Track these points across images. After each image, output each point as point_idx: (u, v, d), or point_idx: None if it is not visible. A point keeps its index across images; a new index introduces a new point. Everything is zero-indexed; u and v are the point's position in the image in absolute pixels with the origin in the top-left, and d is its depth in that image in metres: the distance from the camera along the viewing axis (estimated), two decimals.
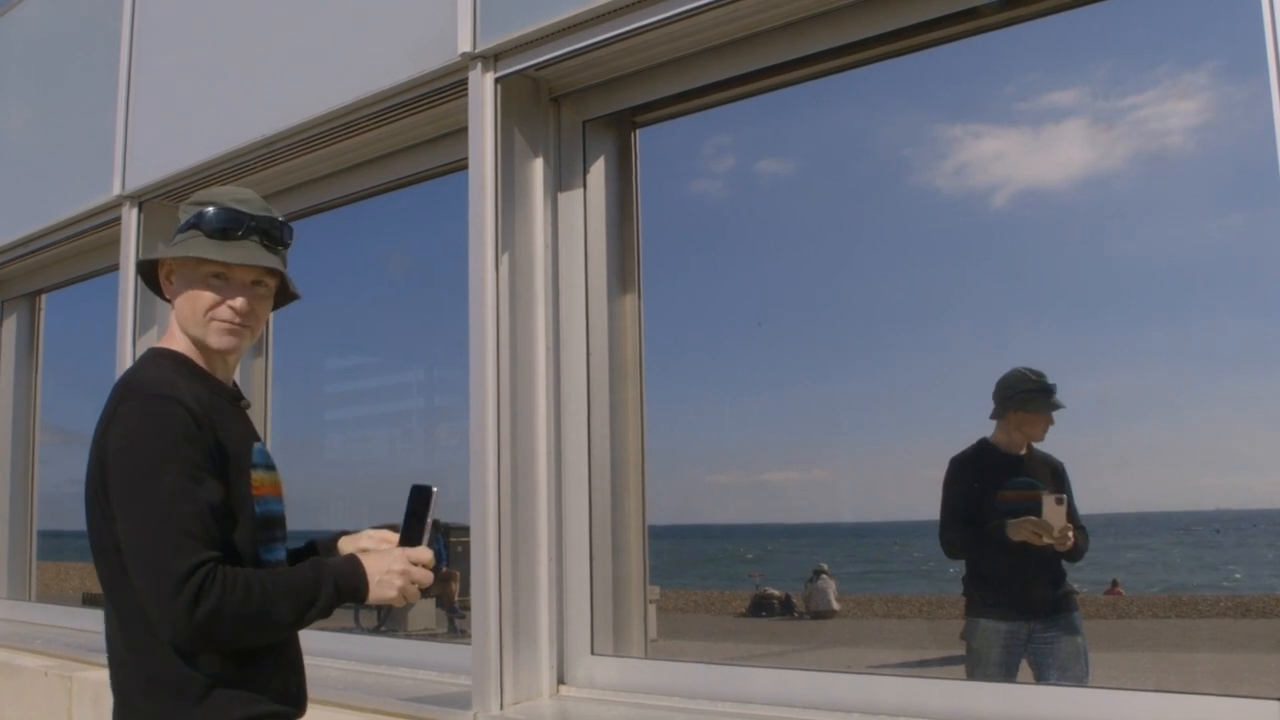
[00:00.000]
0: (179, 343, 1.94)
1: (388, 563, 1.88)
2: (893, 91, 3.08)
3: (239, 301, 1.93)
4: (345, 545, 2.08)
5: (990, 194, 3.30)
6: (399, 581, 1.87)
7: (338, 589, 1.82)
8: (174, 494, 1.70)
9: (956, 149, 3.35)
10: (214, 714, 1.76)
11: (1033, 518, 2.96)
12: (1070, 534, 2.94)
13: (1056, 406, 3.03)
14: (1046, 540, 2.94)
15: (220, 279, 1.93)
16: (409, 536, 1.94)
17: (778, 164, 3.66)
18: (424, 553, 1.93)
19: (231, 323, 1.93)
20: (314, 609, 1.79)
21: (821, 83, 2.92)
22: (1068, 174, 3.03)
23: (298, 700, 1.93)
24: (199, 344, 1.94)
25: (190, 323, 1.93)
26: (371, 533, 2.07)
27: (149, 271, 2.04)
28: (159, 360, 1.90)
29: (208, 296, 1.92)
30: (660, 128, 3.22)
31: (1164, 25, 2.70)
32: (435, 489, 1.97)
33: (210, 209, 1.93)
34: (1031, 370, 3.04)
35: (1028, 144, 3.08)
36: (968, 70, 2.88)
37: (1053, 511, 2.93)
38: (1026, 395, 3.05)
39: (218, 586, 1.67)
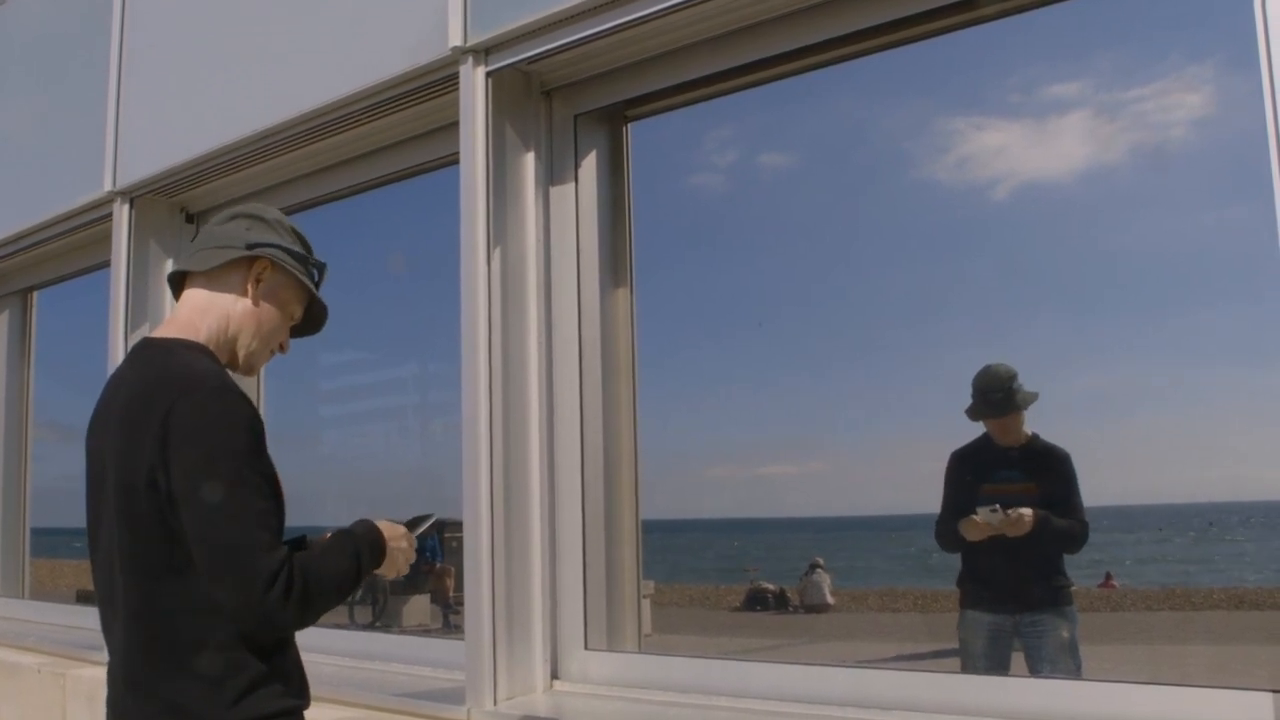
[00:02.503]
0: (200, 336, 1.92)
1: (397, 536, 1.98)
2: (892, 83, 3.06)
3: (289, 343, 2.08)
4: None
5: (992, 187, 3.29)
6: (400, 559, 1.98)
7: (372, 558, 1.91)
8: (251, 492, 1.72)
9: (959, 141, 3.33)
10: (250, 708, 1.76)
11: (975, 518, 3.00)
12: (1024, 520, 2.96)
13: (1007, 413, 3.05)
14: (995, 530, 2.97)
15: (291, 320, 2.04)
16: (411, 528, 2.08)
17: (773, 157, 3.66)
18: (413, 550, 2.06)
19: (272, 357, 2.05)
20: (359, 580, 1.88)
21: (819, 74, 2.89)
22: (1069, 167, 3.03)
23: (308, 693, 1.94)
24: (230, 352, 1.96)
25: (253, 337, 1.97)
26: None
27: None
28: (197, 354, 1.88)
29: (283, 331, 2.03)
30: (652, 121, 3.20)
31: (1167, 16, 2.69)
32: (434, 516, 2.16)
33: (323, 263, 2.07)
34: (990, 370, 3.05)
35: (1030, 137, 3.07)
36: (969, 61, 2.87)
37: (989, 517, 2.98)
38: (978, 402, 3.08)
39: (299, 576, 1.71)
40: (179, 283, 2.01)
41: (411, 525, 2.09)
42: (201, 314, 1.94)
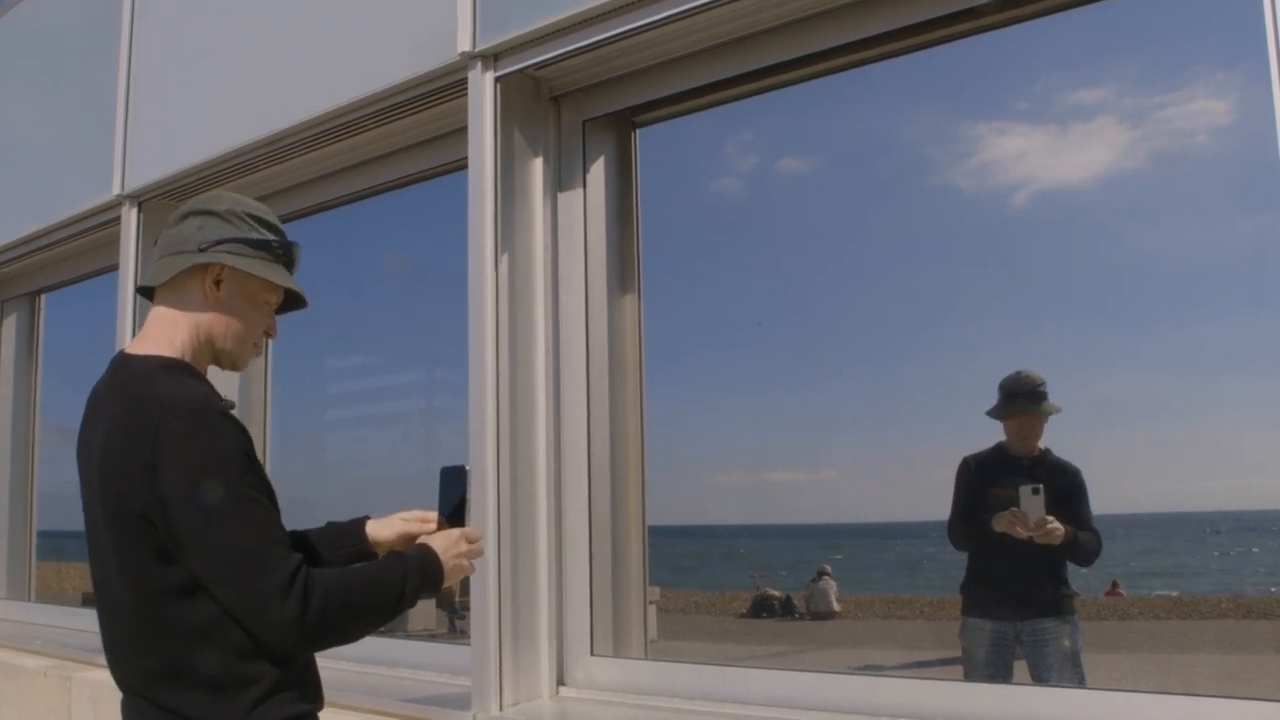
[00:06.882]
0: (176, 349, 1.87)
1: (452, 546, 1.94)
2: (911, 89, 3.05)
3: (274, 327, 2.00)
4: (377, 529, 2.09)
5: (1011, 194, 3.26)
6: (465, 564, 1.96)
7: (422, 579, 1.86)
8: (254, 507, 1.71)
9: (980, 147, 3.31)
10: (263, 716, 1.76)
11: (1014, 508, 2.96)
12: (1051, 526, 2.92)
13: (1032, 411, 3.03)
14: (1025, 533, 2.93)
15: (269, 306, 1.97)
16: (455, 517, 2.02)
17: (783, 163, 3.64)
18: (475, 531, 2.01)
19: (261, 347, 1.99)
20: (404, 600, 1.83)
21: (830, 80, 2.89)
22: (1090, 174, 3.01)
23: (322, 696, 1.94)
24: (211, 355, 1.92)
25: (225, 338, 1.91)
26: (406, 515, 2.09)
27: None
28: (171, 373, 1.83)
29: (262, 321, 1.96)
30: (660, 127, 3.21)
31: (1192, 22, 2.67)
32: (469, 468, 2.06)
33: (290, 243, 1.96)
34: (1021, 373, 3.03)
35: (1053, 143, 3.05)
36: (992, 67, 2.85)
37: (1029, 501, 2.93)
38: (1004, 399, 3.06)
39: (319, 585, 1.70)
40: (149, 293, 1.97)
41: (454, 504, 2.03)
42: (172, 327, 1.89)
